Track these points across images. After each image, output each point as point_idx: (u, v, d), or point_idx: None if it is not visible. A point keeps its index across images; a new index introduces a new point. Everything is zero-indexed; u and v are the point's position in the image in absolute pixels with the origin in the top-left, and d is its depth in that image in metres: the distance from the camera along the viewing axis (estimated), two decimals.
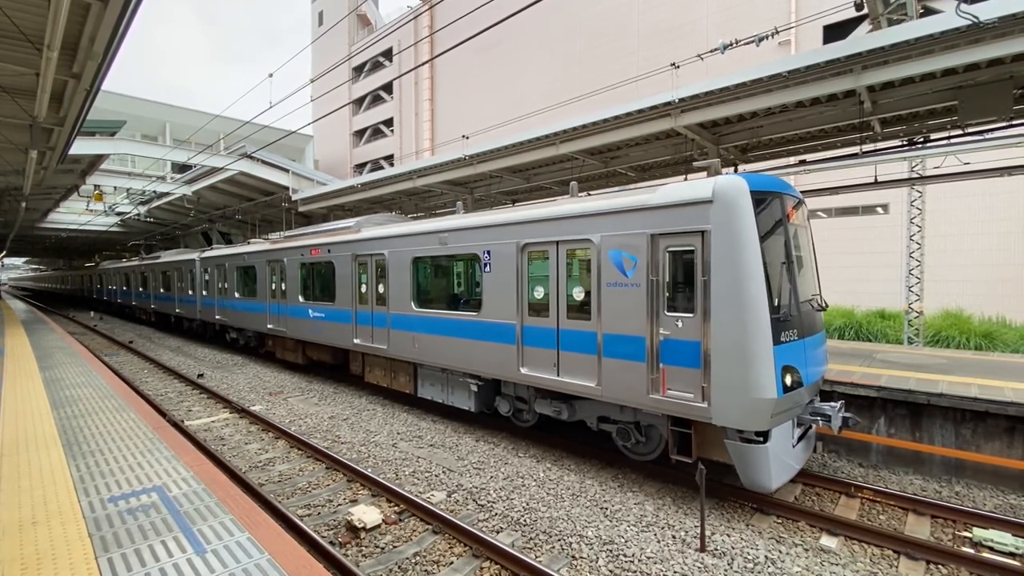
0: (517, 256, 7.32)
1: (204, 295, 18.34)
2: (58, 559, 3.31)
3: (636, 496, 6.07)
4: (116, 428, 6.14)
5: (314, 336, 12.05)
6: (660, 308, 5.78)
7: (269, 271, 13.96)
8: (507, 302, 7.47)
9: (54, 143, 11.41)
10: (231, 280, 16.20)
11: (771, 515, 5.64)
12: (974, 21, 5.88)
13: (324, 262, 11.63)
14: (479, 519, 5.55)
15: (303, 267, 12.54)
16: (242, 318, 15.68)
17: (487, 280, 7.78)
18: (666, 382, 5.72)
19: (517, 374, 7.34)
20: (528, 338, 7.23)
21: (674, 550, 4.89)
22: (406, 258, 9.29)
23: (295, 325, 12.74)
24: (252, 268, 14.96)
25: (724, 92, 8.04)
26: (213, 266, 17.57)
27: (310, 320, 12.06)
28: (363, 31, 43.61)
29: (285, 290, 13.15)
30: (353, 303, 10.59)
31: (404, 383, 9.87)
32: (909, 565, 4.68)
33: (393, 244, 9.61)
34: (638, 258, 5.95)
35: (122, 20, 6.17)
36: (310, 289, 12.38)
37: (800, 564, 4.66)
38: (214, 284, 17.50)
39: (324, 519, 5.62)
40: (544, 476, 6.65)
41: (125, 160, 25.64)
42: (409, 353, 9.22)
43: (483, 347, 7.83)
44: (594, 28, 25.47)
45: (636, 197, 6.13)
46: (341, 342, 11.06)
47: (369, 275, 10.25)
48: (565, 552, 4.88)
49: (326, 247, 11.45)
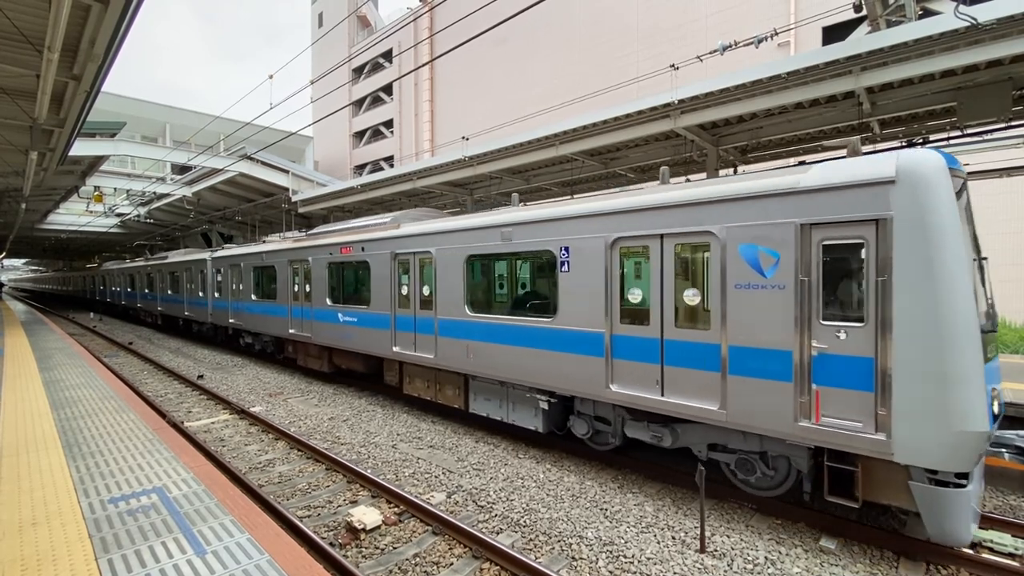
0: (606, 253, 6.28)
1: (216, 297, 17.44)
2: (58, 560, 3.31)
3: (636, 497, 6.07)
4: (116, 429, 6.14)
5: (344, 343, 11.01)
6: (813, 315, 4.74)
7: (291, 272, 12.93)
8: (592, 307, 6.43)
9: (54, 144, 11.43)
10: (247, 281, 15.24)
11: (771, 516, 5.64)
12: (973, 23, 5.89)
13: (356, 261, 10.65)
14: (479, 520, 5.55)
15: (331, 267, 11.47)
16: (259, 322, 14.65)
17: (565, 281, 6.76)
18: (821, 407, 4.71)
19: (604, 392, 6.29)
20: (620, 350, 6.16)
21: (674, 551, 4.89)
22: (458, 256, 8.27)
23: (321, 330, 11.71)
24: (271, 268, 13.94)
25: (724, 93, 8.05)
26: (227, 266, 16.63)
27: (340, 325, 11.03)
28: (363, 32, 43.65)
29: (310, 292, 12.12)
30: (392, 307, 9.59)
31: (452, 396, 8.83)
32: (909, 566, 4.68)
33: (442, 241, 8.57)
34: (781, 254, 4.90)
35: (122, 22, 6.18)
36: (340, 291, 11.36)
37: (800, 565, 4.66)
38: (228, 285, 16.56)
39: (324, 520, 5.62)
40: (544, 477, 6.65)
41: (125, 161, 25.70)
42: (461, 363, 8.22)
43: (559, 359, 6.81)
44: (594, 29, 25.51)
45: (776, 179, 5.05)
46: (377, 350, 10.03)
47: (411, 276, 9.24)
48: (565, 553, 4.88)
49: (359, 245, 10.46)
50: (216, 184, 20.87)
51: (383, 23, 42.84)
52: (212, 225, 27.93)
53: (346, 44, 42.21)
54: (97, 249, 46.33)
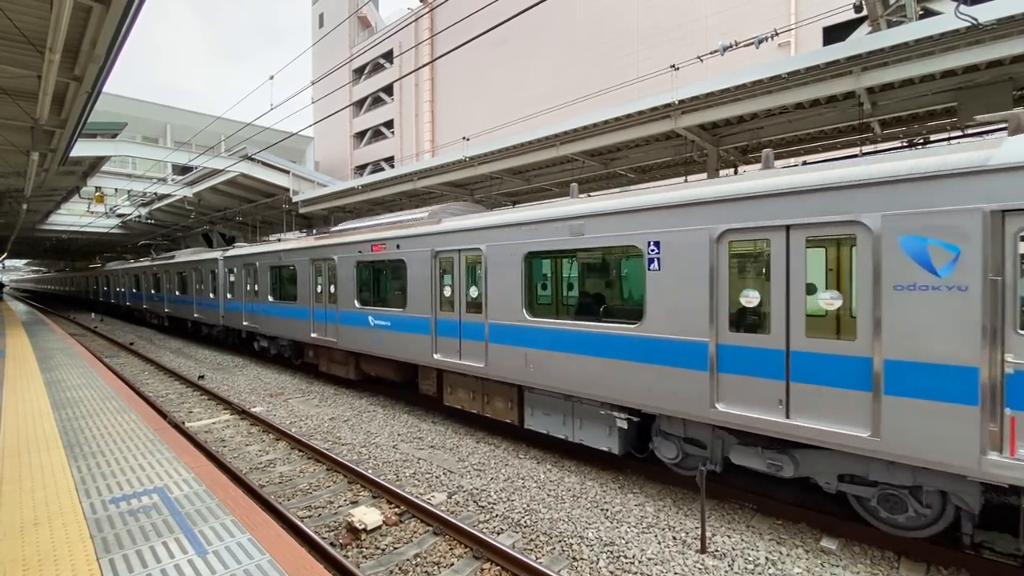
0: (711, 249, 5.36)
1: (229, 298, 16.43)
2: (59, 560, 3.32)
3: (637, 497, 6.07)
4: (117, 429, 6.15)
5: (375, 348, 10.04)
6: (1007, 324, 3.95)
7: (313, 271, 12.00)
8: (691, 312, 5.52)
9: (55, 145, 11.45)
10: (263, 282, 14.23)
11: (771, 516, 5.63)
12: (973, 23, 5.90)
13: (390, 260, 9.75)
14: (480, 520, 5.55)
15: (360, 266, 10.56)
16: (277, 325, 13.63)
17: (654, 282, 5.86)
18: (1018, 438, 3.93)
19: (707, 411, 5.39)
20: (730, 362, 5.26)
21: (675, 551, 4.89)
22: (515, 253, 7.39)
23: (349, 335, 10.77)
24: (290, 268, 13.00)
25: (724, 93, 8.06)
26: (240, 266, 15.61)
27: (370, 329, 10.09)
28: (364, 33, 43.69)
29: (335, 293, 11.21)
30: (432, 309, 8.70)
31: (503, 410, 7.94)
32: (910, 566, 4.68)
33: (494, 236, 7.70)
34: (962, 248, 4.05)
35: (123, 23, 6.20)
36: (370, 292, 10.50)
37: (801, 566, 4.66)
38: (241, 286, 15.55)
39: (325, 520, 5.62)
40: (545, 477, 6.65)
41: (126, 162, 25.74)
42: (517, 374, 7.36)
43: (645, 372, 5.89)
44: (594, 29, 25.52)
45: (955, 155, 4.18)
46: (415, 356, 9.09)
47: (456, 275, 8.37)
48: (566, 553, 4.88)
49: (393, 242, 9.56)
50: (217, 184, 20.90)
51: (383, 24, 42.87)
52: (213, 226, 27.97)
53: (347, 45, 42.24)
54: (98, 250, 46.39)
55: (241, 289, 15.60)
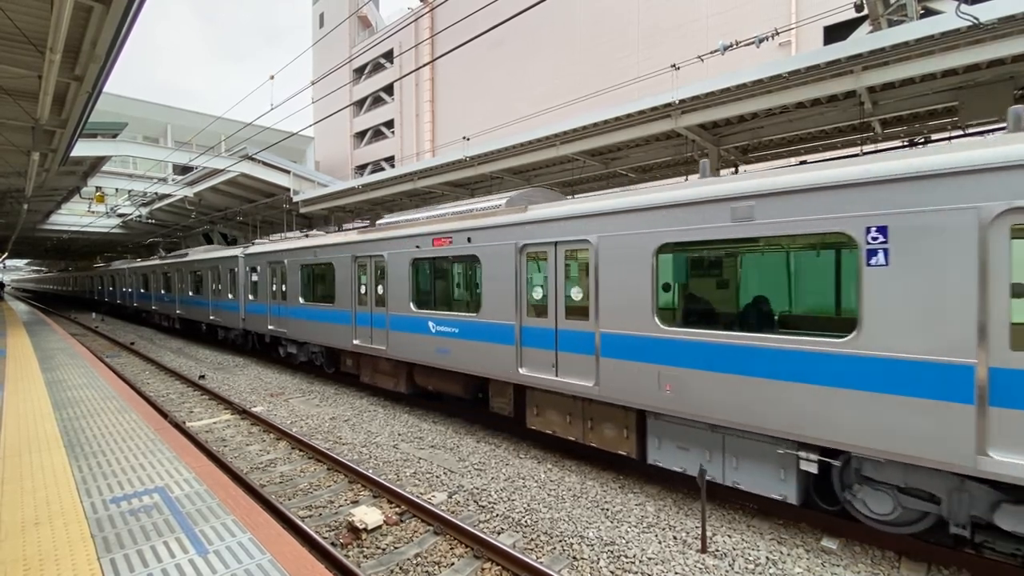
0: (980, 235, 3.98)
1: (251, 300, 15.22)
2: (60, 560, 3.32)
3: (637, 497, 6.07)
4: (118, 429, 6.16)
5: (436, 359, 8.75)
6: None
7: (355, 270, 10.74)
8: (942, 322, 4.18)
9: (56, 145, 11.46)
10: (293, 282, 12.96)
11: (772, 516, 5.63)
12: (974, 22, 5.89)
13: (459, 256, 8.57)
14: (480, 520, 5.56)
15: (418, 264, 9.30)
16: (309, 330, 12.35)
17: (878, 281, 4.47)
18: None
19: (974, 460, 4.02)
20: (1011, 393, 3.96)
21: (675, 551, 4.89)
22: (642, 246, 5.99)
23: (402, 343, 9.46)
24: (327, 266, 11.70)
25: (725, 93, 8.05)
26: (265, 264, 14.34)
27: (431, 337, 8.82)
28: (364, 33, 43.70)
29: (384, 295, 9.91)
30: (516, 315, 7.46)
31: (614, 439, 6.57)
32: (910, 566, 4.68)
33: (610, 225, 6.31)
34: None
35: (124, 23, 6.21)
36: (431, 294, 9.25)
37: (801, 565, 4.66)
38: (266, 286, 14.27)
39: (325, 520, 5.63)
40: (545, 477, 6.66)
41: (127, 162, 25.77)
42: (643, 396, 5.98)
43: (860, 402, 4.53)
44: (594, 29, 25.51)
45: None
46: (491, 369, 7.82)
47: (552, 273, 7.07)
48: (566, 553, 4.89)
49: (462, 235, 8.28)
50: (217, 184, 20.92)
51: (384, 23, 42.88)
52: (213, 225, 27.98)
53: (347, 44, 42.24)
54: (99, 250, 46.41)
55: (266, 290, 14.34)
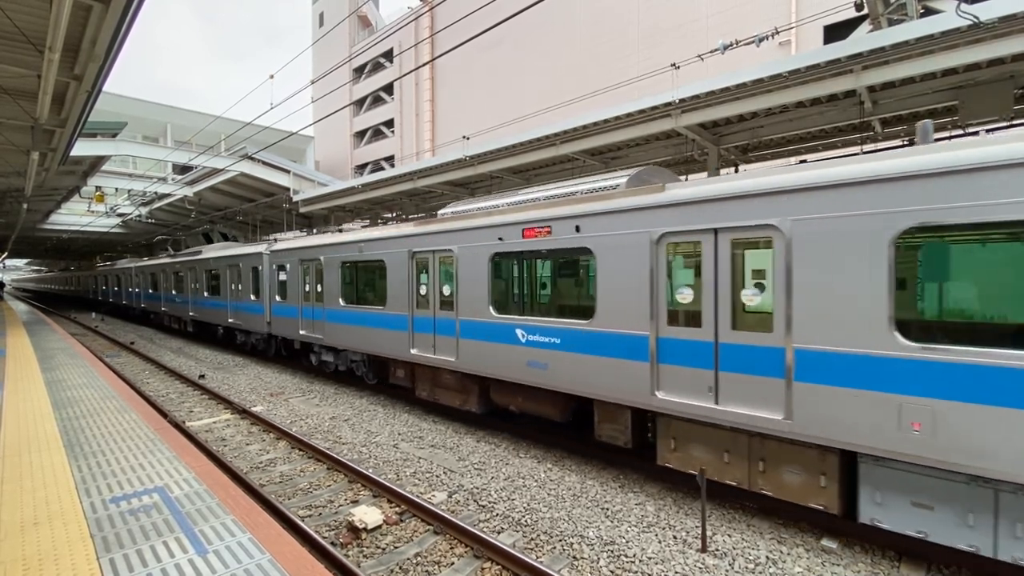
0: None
1: (278, 301, 13.90)
2: (60, 560, 3.32)
3: (637, 497, 6.07)
4: (118, 429, 6.15)
5: (529, 375, 7.33)
6: None
7: (414, 267, 9.32)
8: None
9: (55, 145, 11.45)
10: (332, 281, 11.62)
11: (772, 515, 5.63)
12: (974, 21, 5.88)
13: (563, 250, 7.09)
14: (480, 519, 5.55)
15: (502, 260, 7.90)
16: (352, 336, 11.01)
17: None
18: None
19: None
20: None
21: (675, 551, 4.89)
22: (874, 232, 4.53)
23: (477, 354, 8.07)
24: (377, 264, 10.31)
25: (725, 92, 8.04)
26: (295, 262, 13.04)
27: (521, 348, 7.41)
28: (364, 32, 43.69)
29: (453, 297, 8.55)
30: (653, 324, 5.94)
31: (803, 487, 5.11)
32: (910, 566, 4.67)
33: (816, 204, 4.86)
34: None
35: (123, 22, 6.20)
36: (521, 296, 7.87)
37: (801, 565, 4.65)
38: (297, 286, 12.96)
39: (325, 520, 5.63)
40: (545, 477, 6.65)
41: (126, 161, 25.74)
42: (866, 433, 4.56)
43: None
44: (595, 28, 25.49)
45: None
46: (611, 391, 6.35)
47: (712, 270, 5.51)
48: (566, 552, 4.88)
49: (567, 223, 6.84)
50: (217, 184, 20.90)
51: (383, 23, 42.87)
52: (213, 225, 27.96)
53: (347, 44, 42.23)
54: (99, 249, 46.38)
55: (297, 290, 12.98)
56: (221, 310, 17.38)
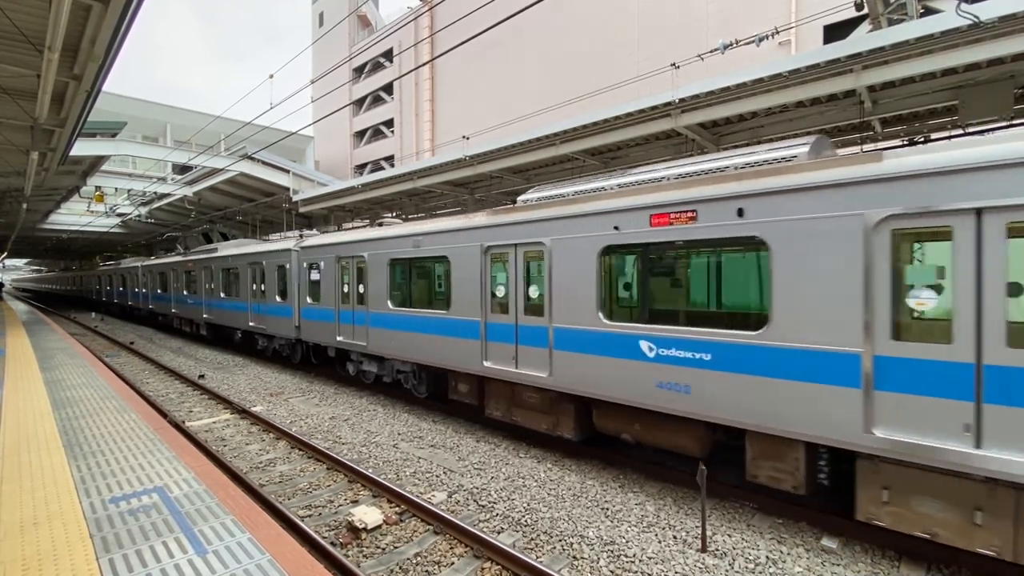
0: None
1: (310, 303, 12.57)
2: (59, 560, 3.31)
3: (637, 496, 6.07)
4: (117, 429, 6.15)
5: (659, 398, 5.89)
6: None
7: (488, 265, 7.88)
8: None
9: (55, 144, 11.44)
10: (378, 281, 10.25)
11: (772, 515, 5.63)
12: (974, 21, 5.88)
13: (715, 241, 5.62)
14: (480, 519, 5.55)
15: (618, 254, 6.57)
16: (404, 343, 9.57)
17: None
18: None
19: None
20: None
21: (675, 550, 4.89)
22: None
23: (580, 369, 6.66)
24: (438, 261, 9.14)
25: (725, 92, 8.04)
26: (331, 260, 11.76)
27: (648, 365, 5.97)
28: (363, 32, 43.69)
29: (544, 300, 7.10)
30: (867, 338, 4.56)
31: None
32: (910, 565, 4.67)
33: None
34: None
35: (123, 22, 6.19)
36: (646, 299, 6.33)
37: (801, 564, 4.65)
38: (333, 287, 11.69)
39: (325, 520, 5.62)
40: (545, 476, 6.65)
41: (126, 161, 25.71)
42: None
43: None
44: (594, 28, 25.50)
45: None
46: (786, 421, 5.00)
47: (973, 264, 4.09)
48: (566, 552, 4.88)
49: (724, 206, 5.40)
50: (217, 184, 20.91)
51: (383, 22, 42.87)
52: (213, 225, 27.94)
53: (346, 43, 42.23)
54: (99, 249, 46.35)
55: (333, 291, 11.69)
56: (240, 313, 15.99)
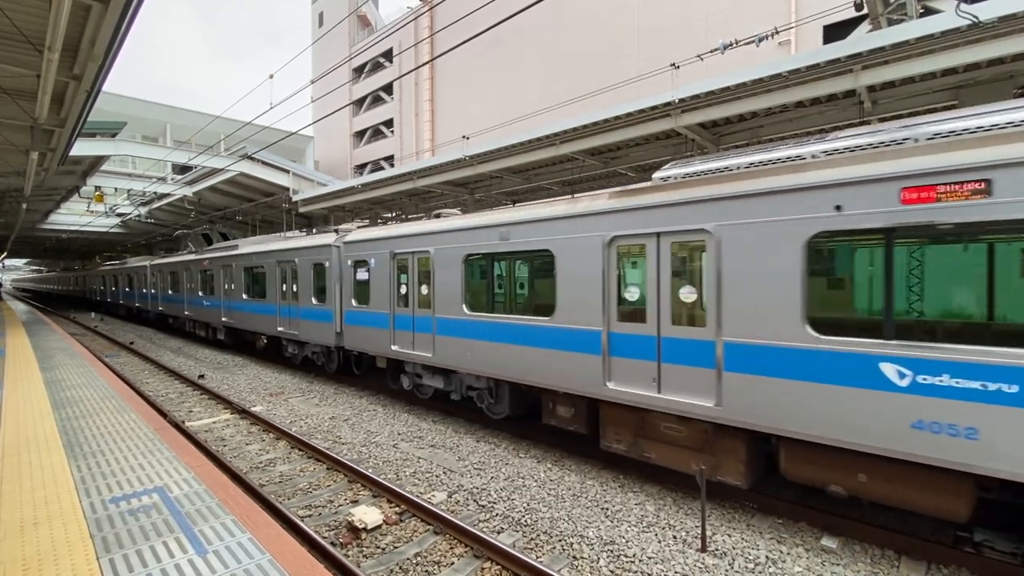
0: None
1: (355, 307, 11.01)
2: (59, 560, 3.31)
3: (637, 496, 6.07)
4: (117, 429, 6.15)
5: (913, 443, 4.30)
6: None
7: (612, 261, 6.46)
8: None
9: (55, 144, 11.44)
10: (448, 281, 8.62)
11: (772, 515, 5.63)
12: (974, 21, 5.88)
13: None
14: (480, 519, 5.55)
15: (831, 245, 5.13)
16: (484, 356, 8.00)
17: None
18: None
19: None
20: None
21: (675, 550, 4.89)
22: None
23: (765, 398, 5.09)
24: (532, 257, 7.67)
25: (724, 92, 8.05)
26: (384, 257, 10.02)
27: (896, 397, 4.38)
28: (363, 32, 43.68)
29: (710, 306, 5.53)
30: None
31: None
32: (910, 565, 4.68)
33: None
34: None
35: (123, 22, 6.19)
36: (888, 304, 4.53)
37: (801, 564, 4.65)
38: (387, 289, 9.95)
39: (325, 520, 5.62)
40: (545, 476, 6.65)
41: (126, 161, 25.70)
42: None
43: None
44: (594, 28, 25.49)
45: None
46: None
47: None
48: (566, 552, 4.88)
49: None
50: (217, 184, 20.91)
51: (383, 23, 42.86)
52: (213, 225, 27.94)
53: (346, 43, 42.22)
54: (98, 249, 46.33)
55: (387, 293, 10.03)
56: (267, 316, 14.39)
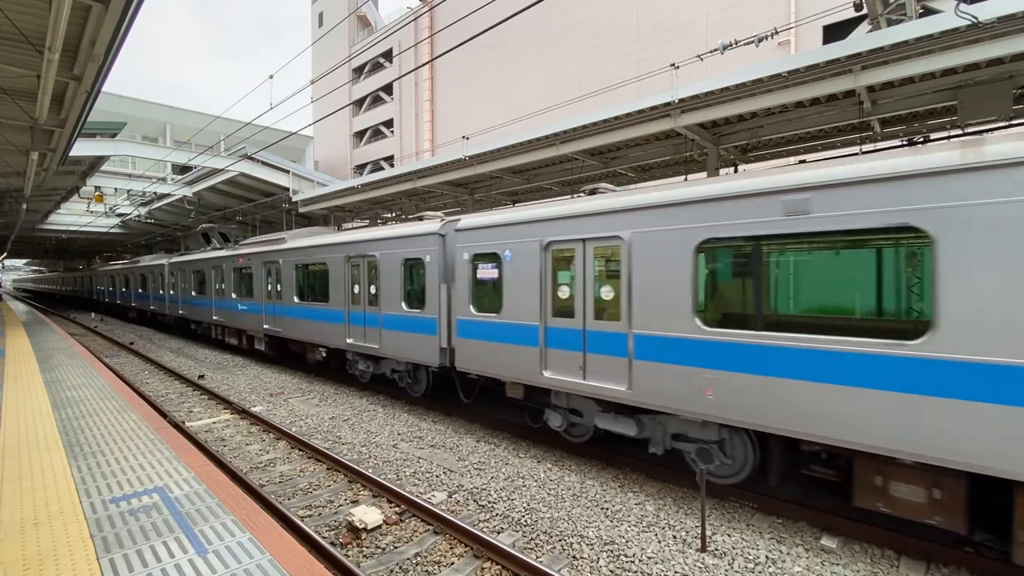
0: None
1: (474, 315, 8.31)
2: (60, 560, 3.32)
3: (637, 496, 6.07)
4: (117, 429, 6.15)
5: None
6: None
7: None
8: None
9: (55, 145, 11.44)
10: (656, 279, 5.98)
11: (772, 515, 5.64)
12: (973, 21, 5.88)
13: None
14: (480, 519, 5.56)
15: None
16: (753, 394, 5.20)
17: None
18: None
19: None
20: None
21: (675, 550, 4.89)
22: None
23: None
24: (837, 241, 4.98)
25: (724, 92, 8.04)
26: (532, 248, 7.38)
27: None
28: (363, 32, 43.69)
29: None
30: None
31: None
32: (910, 565, 4.68)
33: None
34: None
35: (123, 22, 6.19)
36: None
37: (801, 564, 4.66)
38: (536, 292, 7.31)
39: (325, 520, 5.63)
40: (545, 476, 6.66)
41: (126, 161, 25.73)
42: None
43: None
44: (594, 28, 25.50)
45: None
46: None
47: None
48: (566, 552, 4.89)
49: None
50: (217, 184, 20.90)
51: (383, 23, 42.87)
52: (213, 225, 27.95)
53: (346, 44, 42.24)
54: (98, 249, 46.30)
55: (534, 297, 7.38)
56: (330, 325, 11.70)
